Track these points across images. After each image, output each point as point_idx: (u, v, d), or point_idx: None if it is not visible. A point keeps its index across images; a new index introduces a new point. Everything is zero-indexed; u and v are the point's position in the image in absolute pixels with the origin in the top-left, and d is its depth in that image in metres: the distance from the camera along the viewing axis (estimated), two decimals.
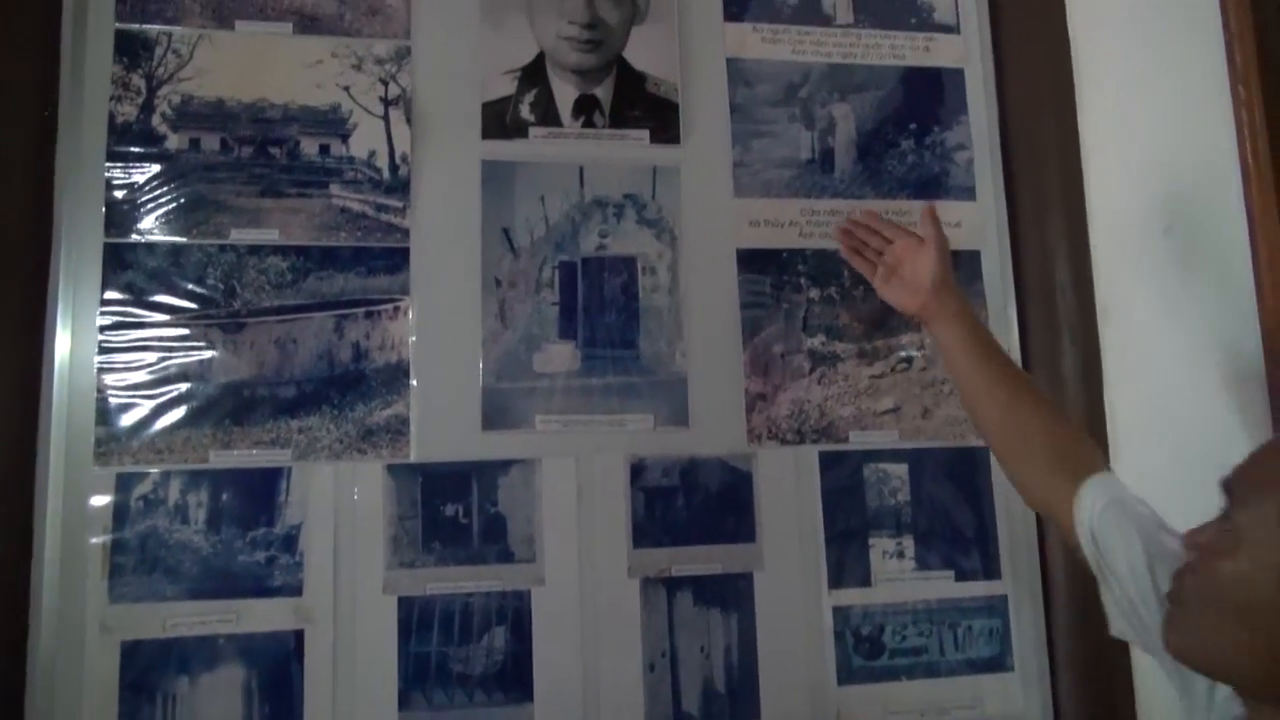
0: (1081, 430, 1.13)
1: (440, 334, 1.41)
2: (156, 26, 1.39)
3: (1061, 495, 1.03)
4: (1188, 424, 1.32)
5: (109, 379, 1.31)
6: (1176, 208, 1.35)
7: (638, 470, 1.43)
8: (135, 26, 1.39)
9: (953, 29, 1.63)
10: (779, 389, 1.49)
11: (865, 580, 1.46)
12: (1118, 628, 1.00)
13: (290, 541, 1.33)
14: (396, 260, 1.41)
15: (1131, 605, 0.96)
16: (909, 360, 1.52)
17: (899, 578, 1.47)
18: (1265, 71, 1.20)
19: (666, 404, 1.45)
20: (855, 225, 1.33)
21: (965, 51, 1.63)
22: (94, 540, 1.28)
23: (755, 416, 1.47)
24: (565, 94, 1.50)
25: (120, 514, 1.30)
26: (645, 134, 1.51)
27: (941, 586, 1.48)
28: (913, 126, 1.59)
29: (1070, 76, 1.54)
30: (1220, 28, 1.25)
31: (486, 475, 1.39)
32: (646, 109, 1.51)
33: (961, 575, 1.48)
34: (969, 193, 1.59)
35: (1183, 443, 1.31)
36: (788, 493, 1.46)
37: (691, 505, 1.43)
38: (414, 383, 1.39)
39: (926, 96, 1.61)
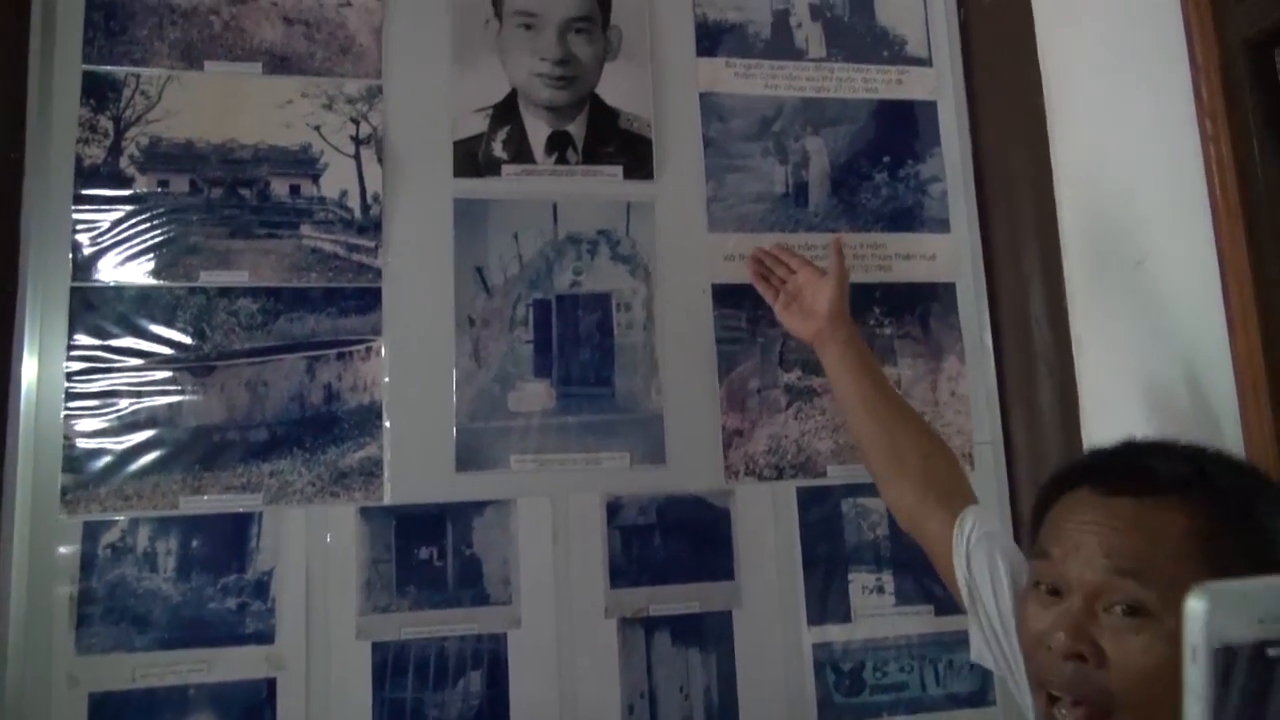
0: (955, 460, 1.22)
1: (413, 374, 1.39)
2: (124, 68, 1.38)
3: (933, 519, 1.12)
4: None
5: (76, 425, 1.29)
6: (1148, 241, 1.35)
7: (614, 509, 1.41)
8: (103, 68, 1.38)
9: (925, 62, 1.64)
10: (756, 424, 1.48)
11: (845, 616, 1.45)
12: (978, 653, 1.06)
13: (262, 588, 1.31)
14: (368, 300, 1.40)
15: (995, 635, 1.02)
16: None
17: (879, 613, 1.46)
18: (1231, 107, 1.20)
19: (643, 441, 1.44)
20: (764, 254, 1.43)
21: (937, 84, 1.64)
22: (60, 590, 1.26)
23: (732, 453, 1.46)
24: (538, 131, 1.49)
25: (88, 563, 1.27)
26: (619, 170, 1.50)
27: (922, 621, 1.47)
28: (886, 159, 1.60)
29: (1042, 109, 1.55)
30: (1187, 63, 1.26)
31: (461, 517, 1.37)
32: (620, 145, 1.51)
33: (942, 610, 1.47)
34: (943, 225, 1.59)
35: None
36: (766, 529, 1.45)
37: (669, 544, 1.42)
38: (387, 424, 1.37)
39: (899, 129, 1.61)
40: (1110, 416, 1.43)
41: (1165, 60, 1.29)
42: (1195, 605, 0.47)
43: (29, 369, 1.29)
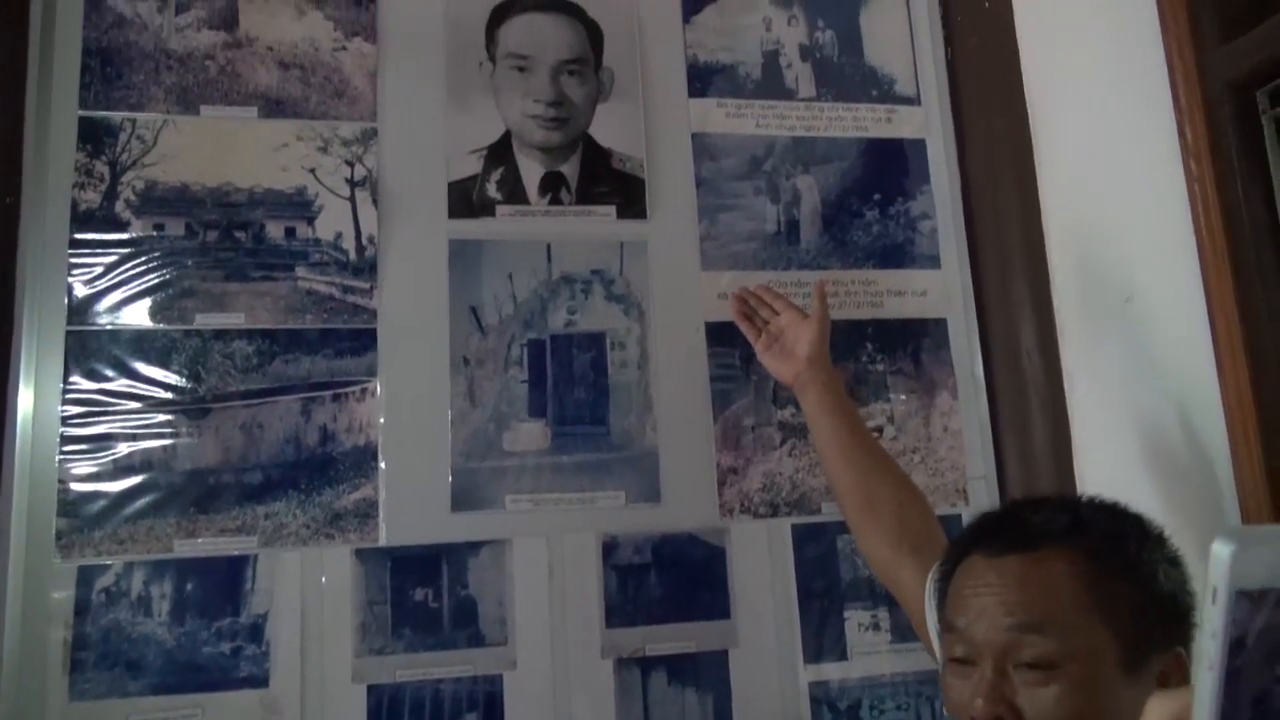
0: (929, 510, 1.22)
1: (408, 415, 1.40)
2: (121, 113, 1.39)
3: (905, 569, 1.12)
4: (1155, 493, 1.32)
5: (71, 469, 1.29)
6: (1136, 277, 1.37)
7: (610, 548, 1.42)
8: (99, 113, 1.39)
9: (913, 101, 1.66)
10: (750, 462, 1.48)
11: (842, 654, 1.45)
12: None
13: (256, 631, 1.31)
14: (364, 342, 1.41)
15: None
16: (879, 430, 1.52)
17: (875, 650, 1.46)
18: (1215, 147, 1.22)
19: (638, 480, 1.44)
20: (748, 294, 1.43)
21: (926, 122, 1.66)
22: (54, 636, 1.26)
23: (727, 490, 1.47)
24: (531, 172, 1.51)
25: (82, 608, 1.27)
26: (612, 210, 1.52)
27: (919, 658, 1.46)
28: (877, 197, 1.61)
29: (1029, 147, 1.57)
30: (1171, 103, 1.28)
31: (456, 557, 1.37)
32: (613, 185, 1.53)
33: None
34: (934, 261, 1.61)
35: (1152, 512, 1.31)
36: (761, 567, 1.45)
37: (664, 582, 1.42)
38: (382, 465, 1.38)
39: (889, 167, 1.63)
40: (1103, 451, 1.44)
41: (1150, 100, 1.31)
42: (1221, 548, 0.47)
43: (24, 413, 1.29)
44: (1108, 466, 1.43)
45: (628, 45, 1.57)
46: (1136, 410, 1.37)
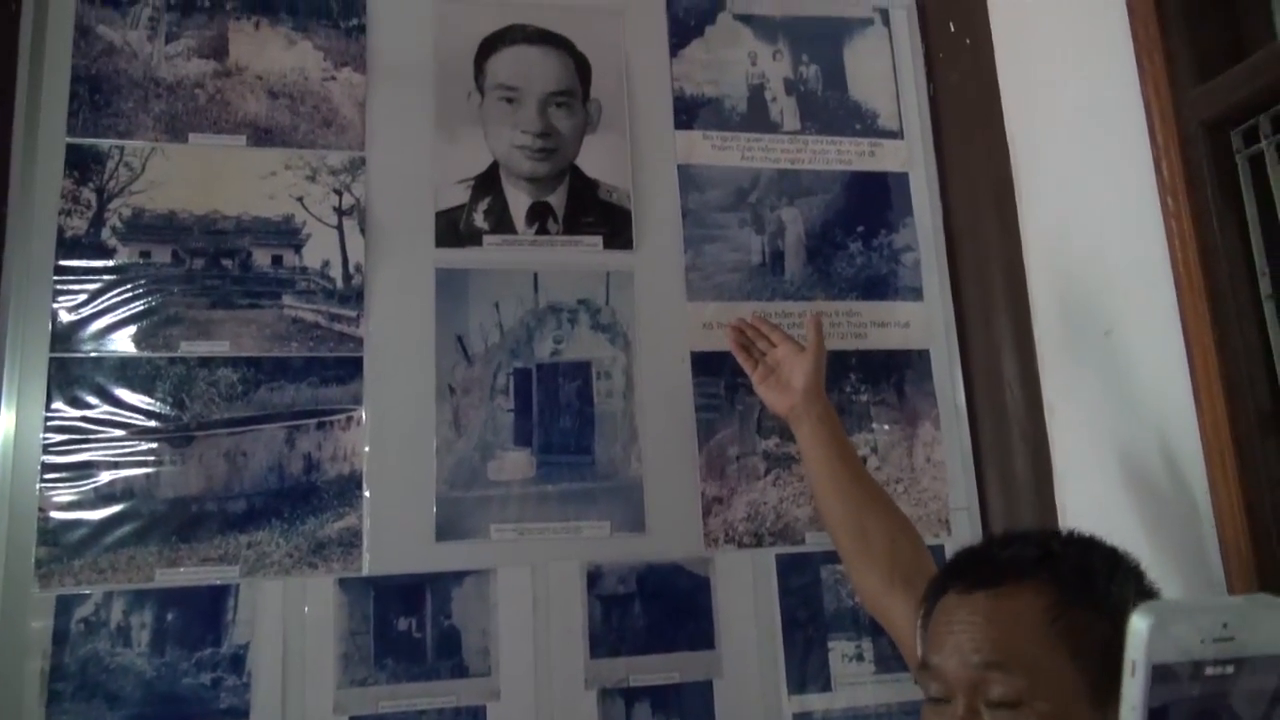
0: (922, 544, 1.21)
1: (394, 443, 1.40)
2: (109, 140, 1.40)
3: (897, 603, 1.12)
4: (1135, 523, 1.34)
5: (52, 497, 1.28)
6: (1115, 310, 1.39)
7: (594, 578, 1.41)
8: (87, 141, 1.39)
9: (896, 134, 1.69)
10: (735, 492, 1.49)
11: (826, 685, 1.45)
12: None
13: (237, 662, 1.29)
14: (349, 370, 1.40)
15: None
16: (863, 460, 1.53)
17: (859, 681, 1.46)
18: (1191, 185, 1.24)
19: (623, 509, 1.44)
20: (745, 325, 1.43)
21: (909, 156, 1.68)
22: (31, 666, 1.24)
23: (712, 520, 1.47)
24: (519, 201, 1.52)
25: (60, 638, 1.25)
26: (598, 240, 1.53)
27: (903, 689, 1.46)
28: (860, 229, 1.63)
29: (1010, 181, 1.60)
30: (1148, 141, 1.31)
31: (440, 587, 1.37)
32: (599, 215, 1.54)
33: None
34: (916, 293, 1.63)
35: (1132, 542, 1.32)
36: (746, 597, 1.46)
37: (649, 613, 1.42)
38: (366, 494, 1.37)
39: (873, 200, 1.65)
40: (1083, 481, 1.46)
41: (1127, 137, 1.34)
42: (1139, 622, 0.48)
43: (5, 440, 1.28)
44: (1088, 497, 1.45)
45: (615, 78, 1.59)
46: (1116, 441, 1.38)
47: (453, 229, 1.48)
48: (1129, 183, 1.34)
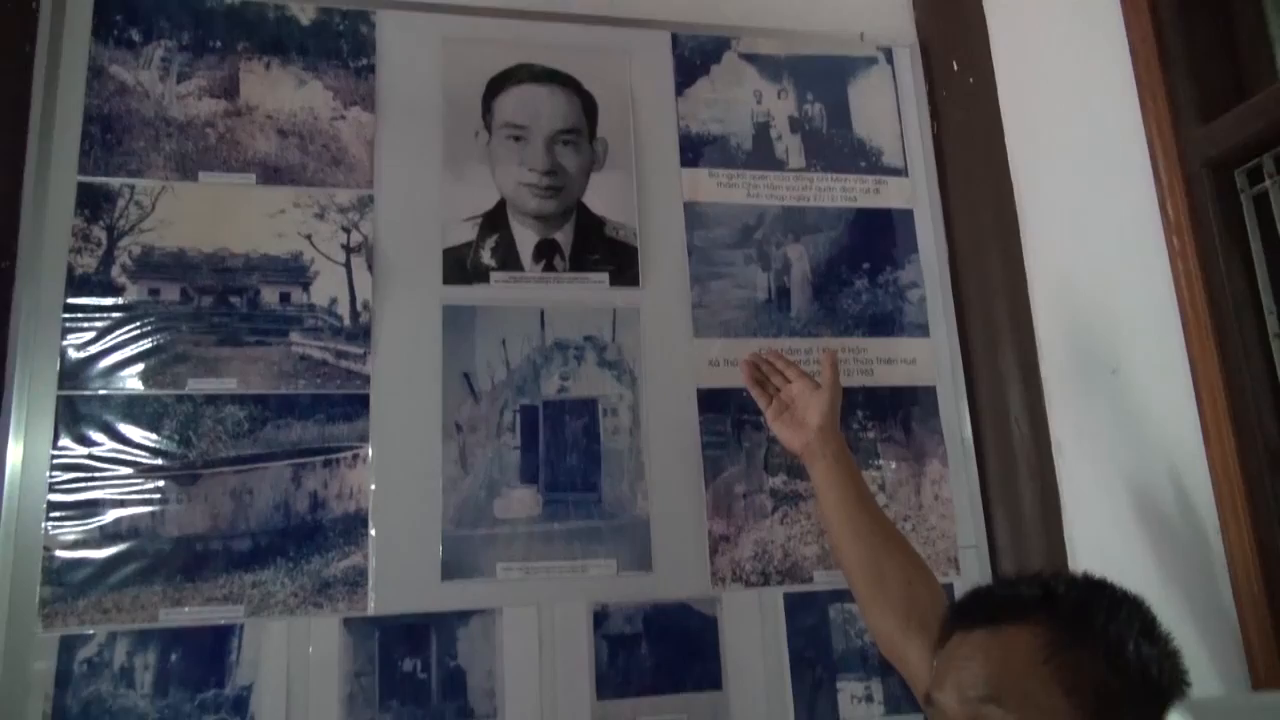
0: (938, 587, 1.19)
1: (400, 481, 1.39)
2: (119, 179, 1.41)
3: (913, 647, 1.10)
4: (1146, 562, 1.33)
5: (57, 535, 1.28)
6: (1122, 348, 1.39)
7: (600, 618, 1.40)
8: (98, 179, 1.40)
9: (901, 172, 1.70)
10: (742, 530, 1.48)
11: None
12: None
13: (241, 703, 1.28)
14: (356, 407, 1.40)
15: None
16: None
17: None
18: (1196, 223, 1.25)
19: (629, 548, 1.43)
20: (760, 360, 1.40)
21: (914, 193, 1.69)
22: (34, 708, 1.23)
23: (719, 559, 1.46)
24: (526, 239, 1.52)
25: (63, 679, 1.24)
26: (605, 277, 1.53)
27: None
28: (866, 265, 1.64)
29: (1015, 218, 1.60)
30: (1152, 180, 1.31)
31: (446, 627, 1.36)
32: (606, 252, 1.54)
33: None
34: (922, 329, 1.63)
35: (1143, 582, 1.31)
36: (753, 637, 1.44)
37: (656, 653, 1.41)
38: (372, 532, 1.37)
39: (878, 236, 1.66)
40: (1093, 521, 1.45)
41: (1131, 176, 1.35)
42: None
43: (11, 478, 1.28)
44: (1098, 536, 1.44)
45: (621, 116, 1.60)
46: (1126, 480, 1.38)
47: (460, 266, 1.49)
48: (1134, 221, 1.34)
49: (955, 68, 1.71)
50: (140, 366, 1.35)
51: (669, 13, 1.68)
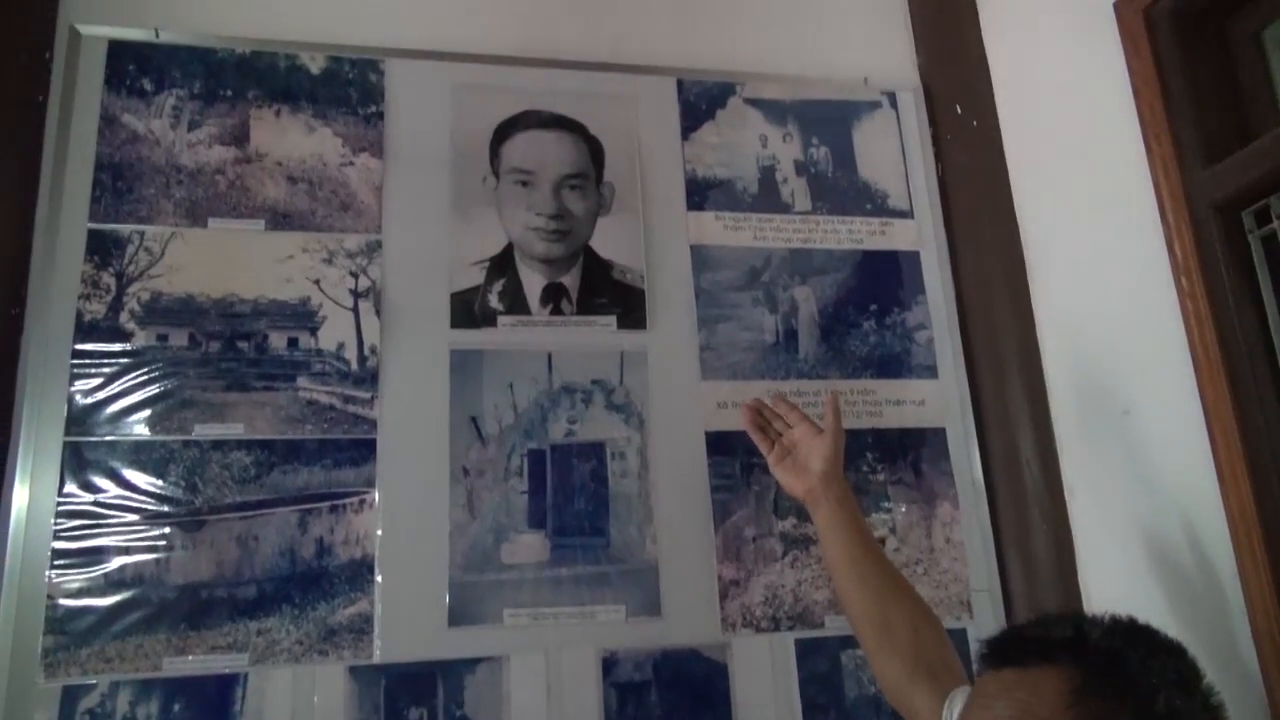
0: (945, 634, 1.17)
1: (407, 527, 1.38)
2: (129, 226, 1.41)
3: (919, 695, 1.09)
4: (1163, 607, 1.31)
5: (61, 583, 1.27)
6: (1134, 390, 1.38)
7: (609, 665, 1.38)
8: (108, 226, 1.41)
9: (907, 214, 1.70)
10: (752, 574, 1.46)
11: None
12: None
13: None
14: (363, 452, 1.40)
15: None
16: (881, 541, 1.51)
17: None
18: (1205, 264, 1.25)
19: (638, 593, 1.42)
20: (762, 405, 1.39)
21: (920, 235, 1.69)
22: None
23: (729, 604, 1.44)
24: (533, 283, 1.53)
25: None
26: (612, 320, 1.53)
27: None
28: (873, 307, 1.64)
29: (1022, 260, 1.61)
30: (1159, 221, 1.31)
31: (452, 675, 1.34)
32: (613, 296, 1.54)
33: None
34: (931, 371, 1.62)
35: (1161, 626, 1.30)
36: (764, 683, 1.42)
37: (665, 701, 1.38)
38: (379, 578, 1.35)
39: (885, 278, 1.66)
40: (1107, 565, 1.43)
41: (1138, 217, 1.35)
42: None
43: (16, 526, 1.27)
44: (1113, 581, 1.42)
45: (628, 161, 1.61)
46: (1140, 523, 1.36)
47: (467, 310, 1.49)
48: (1141, 262, 1.34)
49: (959, 111, 1.72)
50: (147, 412, 1.35)
51: (674, 59, 1.70)
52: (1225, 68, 1.32)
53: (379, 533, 1.37)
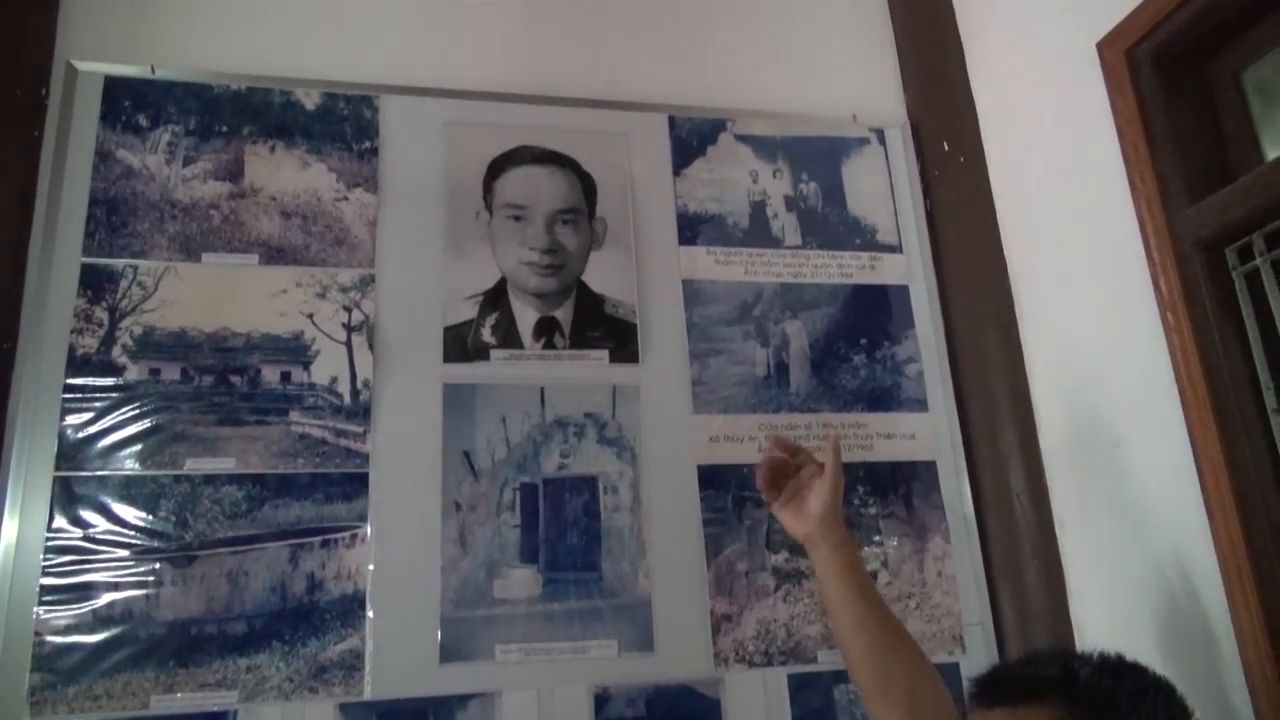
0: (942, 686, 1.16)
1: (398, 562, 1.38)
2: (123, 260, 1.42)
3: None
4: (1153, 642, 1.31)
5: (49, 620, 1.26)
6: (1122, 423, 1.39)
7: (602, 701, 1.37)
8: (102, 260, 1.41)
9: (896, 249, 1.72)
10: (745, 609, 1.46)
11: None
12: None
13: None
14: (355, 486, 1.40)
15: None
16: (874, 575, 1.51)
17: None
18: (1190, 300, 1.26)
19: (631, 628, 1.41)
20: (774, 461, 1.30)
21: (909, 270, 1.71)
22: None
23: (721, 638, 1.44)
24: (526, 317, 1.53)
25: None
26: (605, 354, 1.54)
27: None
28: (863, 341, 1.65)
29: (1010, 293, 1.62)
30: (1145, 257, 1.33)
31: (443, 712, 1.33)
32: (606, 330, 1.55)
33: None
34: (921, 404, 1.63)
35: (1150, 664, 1.30)
36: (757, 719, 1.41)
37: None
38: (370, 614, 1.34)
39: (875, 312, 1.67)
40: (1098, 598, 1.43)
41: (1124, 253, 1.37)
42: None
43: (4, 561, 1.26)
44: (1104, 614, 1.42)
45: (620, 196, 1.63)
46: (1130, 557, 1.37)
47: (460, 344, 1.49)
48: (1128, 297, 1.36)
49: (946, 147, 1.75)
50: (138, 447, 1.35)
51: (666, 96, 1.72)
52: (1207, 107, 1.35)
53: (371, 568, 1.36)
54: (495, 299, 1.53)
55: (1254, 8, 1.26)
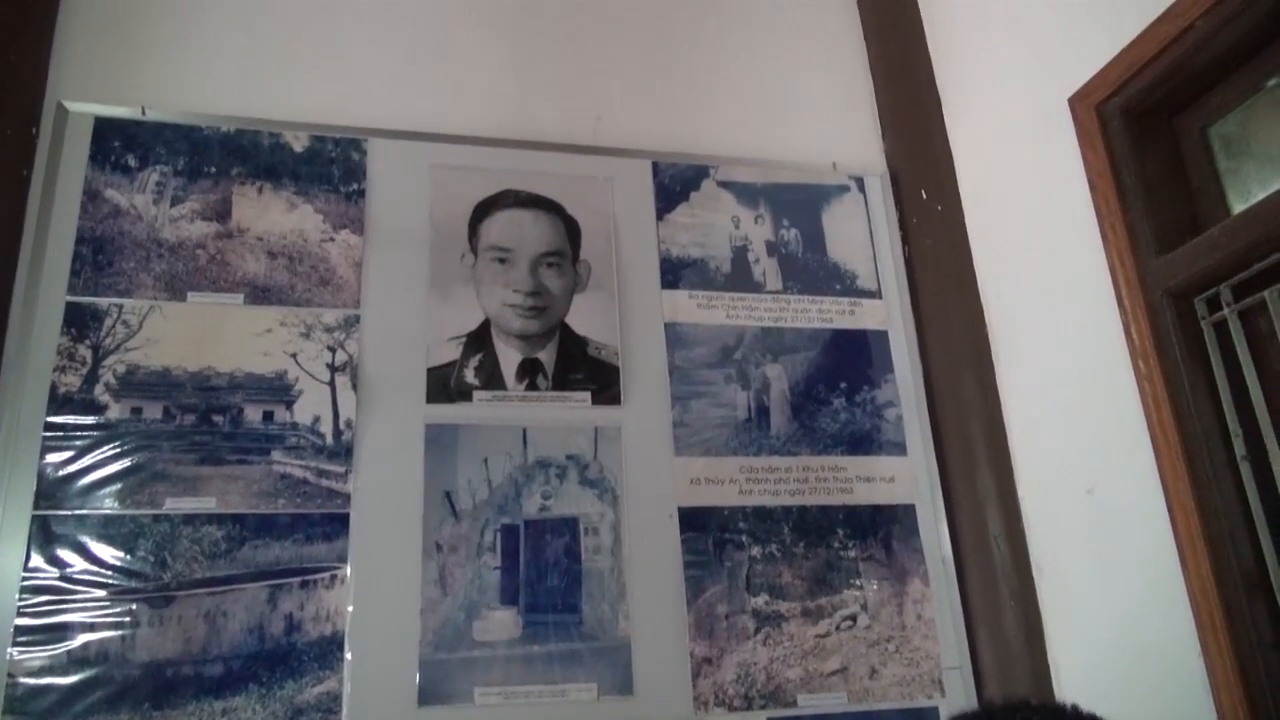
0: None
1: (378, 603, 1.37)
2: (108, 299, 1.42)
3: None
4: (1130, 686, 1.32)
5: (23, 661, 1.24)
6: (1096, 469, 1.41)
7: None
8: (87, 299, 1.42)
9: (875, 294, 1.75)
10: (725, 652, 1.46)
11: None
12: None
13: None
14: (335, 527, 1.39)
15: None
16: (853, 618, 1.52)
17: None
18: (1161, 350, 1.29)
19: (610, 671, 1.41)
20: None
21: (888, 315, 1.74)
22: None
23: (701, 682, 1.44)
24: (509, 358, 1.55)
25: None
26: (587, 396, 1.55)
27: None
28: (843, 385, 1.67)
29: (986, 339, 1.65)
30: (1116, 306, 1.36)
31: None
32: (588, 371, 1.57)
33: None
34: (900, 448, 1.65)
35: (1126, 708, 1.31)
36: None
37: None
38: (348, 656, 1.34)
39: (854, 357, 1.70)
40: (1075, 642, 1.44)
41: (1096, 302, 1.40)
42: None
43: None
44: (1081, 658, 1.43)
45: (604, 240, 1.65)
46: (1106, 602, 1.38)
47: (443, 385, 1.50)
48: (1100, 345, 1.39)
49: (924, 196, 1.78)
50: (118, 485, 1.34)
51: (650, 142, 1.75)
52: (1175, 161, 1.39)
53: (350, 609, 1.36)
54: (479, 340, 1.54)
55: (1220, 65, 1.30)
